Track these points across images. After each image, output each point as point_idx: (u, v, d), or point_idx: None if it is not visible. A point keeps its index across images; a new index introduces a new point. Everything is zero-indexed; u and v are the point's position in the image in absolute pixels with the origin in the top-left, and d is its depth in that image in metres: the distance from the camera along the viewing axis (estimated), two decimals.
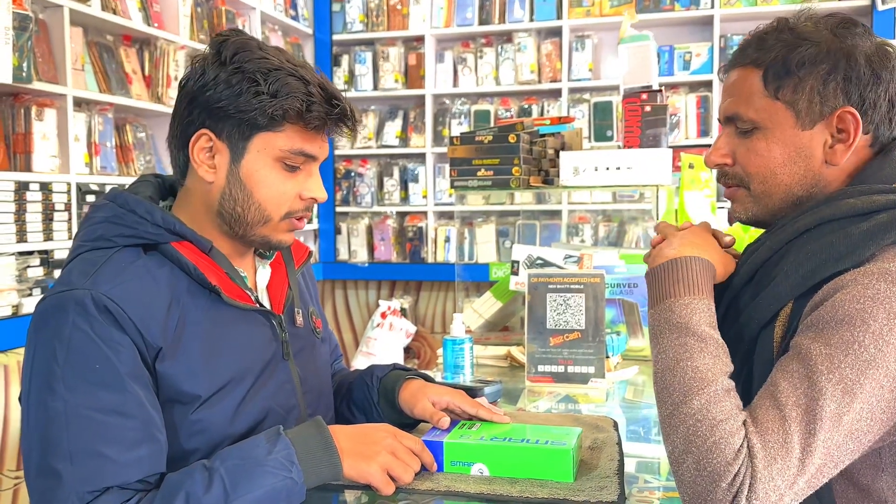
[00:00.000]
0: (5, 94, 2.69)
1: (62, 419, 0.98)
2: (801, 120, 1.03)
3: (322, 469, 1.04)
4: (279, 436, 1.04)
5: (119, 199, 1.12)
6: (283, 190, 1.14)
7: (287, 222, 1.17)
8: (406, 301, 4.60)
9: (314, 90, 1.11)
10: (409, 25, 4.57)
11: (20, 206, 2.61)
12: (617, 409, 1.65)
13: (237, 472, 0.99)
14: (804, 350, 0.90)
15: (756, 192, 1.08)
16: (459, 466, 1.13)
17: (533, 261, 2.19)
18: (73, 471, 0.97)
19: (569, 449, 1.09)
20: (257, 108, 1.09)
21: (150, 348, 1.05)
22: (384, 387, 1.32)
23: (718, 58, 4.17)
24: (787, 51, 1.02)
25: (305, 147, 1.13)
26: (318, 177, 1.19)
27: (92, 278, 1.04)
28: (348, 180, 4.74)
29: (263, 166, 1.13)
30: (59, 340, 1.01)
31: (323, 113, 1.11)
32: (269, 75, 1.09)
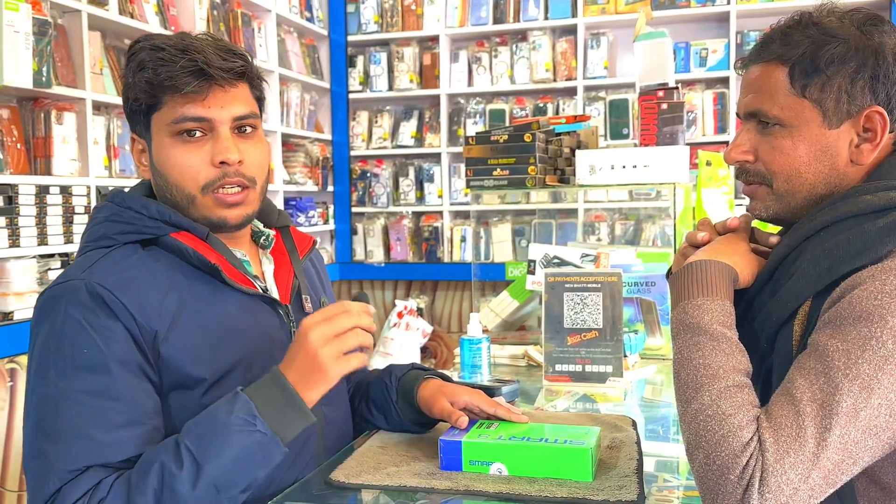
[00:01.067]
0: (25, 99, 2.72)
1: (52, 403, 1.02)
2: (828, 119, 1.01)
3: (288, 413, 1.01)
4: (237, 394, 1.01)
5: (117, 198, 1.16)
6: (189, 163, 1.12)
7: (212, 197, 1.14)
8: (422, 301, 4.61)
9: (167, 54, 1.09)
10: (423, 25, 4.57)
11: (41, 209, 2.64)
12: (635, 408, 1.65)
13: (202, 440, 0.98)
14: (821, 347, 0.90)
15: (779, 191, 1.06)
16: (478, 466, 1.13)
17: (550, 260, 2.18)
18: (56, 451, 1.00)
19: (588, 448, 1.09)
20: (131, 90, 1.13)
21: (146, 332, 1.06)
22: (402, 386, 1.32)
23: (735, 54, 4.14)
24: (814, 48, 1.00)
25: (186, 111, 1.11)
26: (226, 139, 1.13)
27: (88, 270, 1.08)
28: (364, 181, 4.75)
29: (164, 147, 1.14)
30: (52, 329, 1.05)
31: (174, 70, 1.09)
32: (131, 60, 1.13)
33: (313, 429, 1.21)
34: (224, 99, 1.13)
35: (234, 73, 1.13)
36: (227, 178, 1.13)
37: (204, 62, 1.09)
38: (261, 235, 1.28)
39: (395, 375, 1.35)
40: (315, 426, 1.21)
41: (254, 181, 1.17)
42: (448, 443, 1.14)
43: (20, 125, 2.70)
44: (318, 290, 1.36)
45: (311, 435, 1.20)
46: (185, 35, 1.14)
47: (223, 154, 1.12)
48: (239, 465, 0.98)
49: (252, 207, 1.19)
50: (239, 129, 1.16)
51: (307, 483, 1.14)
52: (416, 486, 1.09)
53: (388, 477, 1.12)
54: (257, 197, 1.19)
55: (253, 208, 1.19)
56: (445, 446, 1.14)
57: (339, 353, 1.01)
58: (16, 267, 2.55)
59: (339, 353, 1.01)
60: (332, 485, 1.11)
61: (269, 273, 1.26)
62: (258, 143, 1.18)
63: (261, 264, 1.26)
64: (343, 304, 1.04)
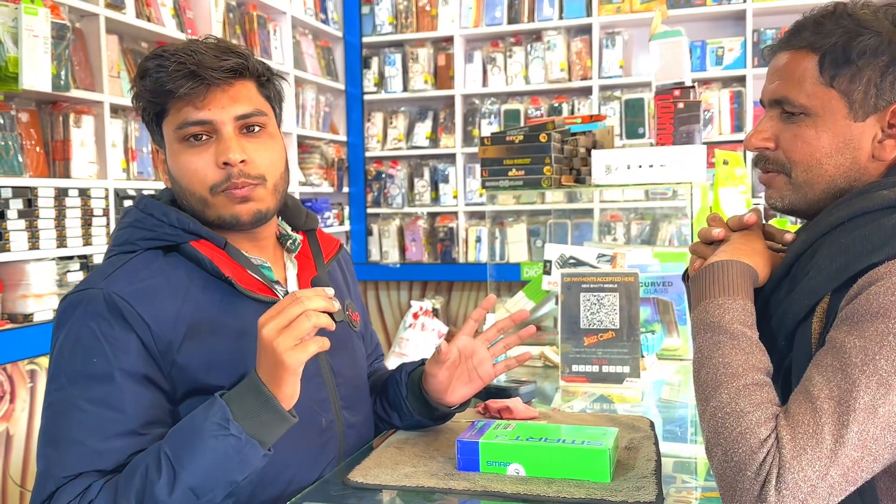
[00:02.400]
0: (44, 103, 2.75)
1: (58, 408, 1.05)
2: (854, 111, 1.00)
3: (265, 416, 1.00)
4: (214, 400, 1.01)
5: (140, 205, 1.17)
6: (196, 167, 1.13)
7: (222, 196, 1.13)
8: (438, 301, 4.61)
9: (163, 61, 1.10)
10: (437, 26, 4.58)
11: (60, 211, 2.67)
12: (653, 409, 1.64)
13: (179, 446, 0.99)
14: (838, 343, 0.90)
15: (797, 181, 1.05)
16: (495, 466, 1.12)
17: (565, 260, 2.18)
18: (56, 455, 1.03)
19: (606, 449, 1.09)
20: (139, 102, 1.15)
21: (161, 342, 1.07)
22: (412, 380, 1.33)
23: (751, 52, 4.12)
24: (847, 38, 0.99)
25: (188, 116, 1.11)
26: (228, 139, 1.12)
27: (108, 279, 1.09)
28: (379, 182, 4.76)
29: (174, 153, 1.15)
30: (68, 336, 1.07)
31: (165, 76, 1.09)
32: (139, 67, 1.14)
33: (334, 431, 1.21)
34: (223, 99, 1.12)
35: (229, 72, 1.12)
36: (233, 178, 1.12)
37: (194, 63, 1.09)
38: (287, 239, 1.28)
39: (406, 371, 1.36)
40: (337, 430, 1.22)
41: (262, 178, 1.15)
42: (465, 443, 1.14)
43: (39, 128, 2.72)
44: (344, 293, 1.35)
45: (331, 437, 1.20)
46: (193, 41, 1.15)
47: (224, 155, 1.11)
48: (215, 470, 0.99)
49: (265, 204, 1.16)
50: (246, 128, 1.15)
51: (325, 483, 1.14)
52: (433, 487, 1.09)
53: (405, 477, 1.12)
54: (269, 194, 1.17)
55: (266, 205, 1.17)
56: (463, 447, 1.14)
57: (293, 342, 0.99)
58: (35, 269, 2.58)
59: (294, 342, 0.99)
60: (350, 485, 1.12)
61: (293, 277, 1.26)
62: (267, 141, 1.17)
63: (284, 268, 1.26)
64: (293, 294, 1.03)
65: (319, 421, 1.18)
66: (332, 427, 1.21)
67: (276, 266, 1.25)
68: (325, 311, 1.02)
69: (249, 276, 1.16)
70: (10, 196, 2.49)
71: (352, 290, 1.40)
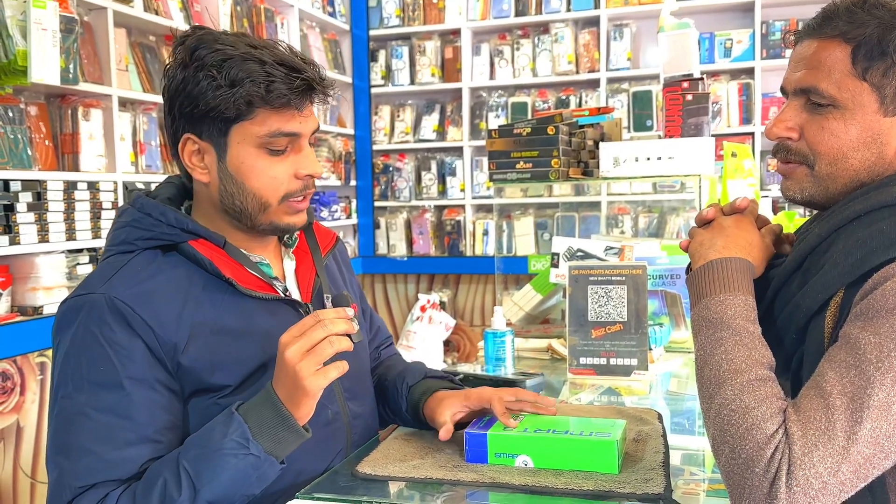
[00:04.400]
0: (53, 96, 2.76)
1: (67, 417, 1.04)
2: (885, 105, 0.98)
3: (282, 434, 1.03)
4: (232, 416, 1.03)
5: (137, 203, 1.16)
6: (274, 174, 1.14)
7: (287, 205, 1.16)
8: (445, 294, 4.61)
9: (271, 69, 1.08)
10: (445, 19, 4.57)
11: (69, 204, 2.68)
12: (661, 402, 1.64)
13: (198, 462, 1.00)
14: (853, 339, 0.89)
15: (820, 173, 1.02)
16: (504, 458, 1.13)
17: (573, 253, 2.18)
18: (69, 465, 1.02)
19: (614, 441, 1.09)
20: (221, 101, 1.08)
21: (166, 345, 1.07)
22: (412, 396, 1.33)
23: (760, 44, 4.09)
24: (882, 30, 0.96)
25: (283, 127, 1.12)
26: (309, 152, 1.17)
27: (108, 282, 1.08)
28: (386, 175, 4.76)
29: (248, 156, 1.13)
30: (72, 342, 1.07)
31: (286, 89, 1.09)
32: (224, 65, 1.08)
33: (340, 423, 1.22)
34: (308, 113, 1.16)
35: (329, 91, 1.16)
36: (307, 189, 1.17)
37: (315, 81, 1.12)
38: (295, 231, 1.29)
39: (407, 384, 1.35)
40: (343, 421, 1.23)
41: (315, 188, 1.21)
42: (473, 435, 1.14)
43: (48, 122, 2.73)
44: (340, 286, 1.36)
45: (337, 429, 1.21)
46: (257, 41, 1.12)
47: (311, 168, 1.16)
48: (234, 485, 1.01)
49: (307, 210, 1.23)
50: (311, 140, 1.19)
51: (334, 475, 1.15)
52: (441, 479, 1.09)
53: (413, 469, 1.13)
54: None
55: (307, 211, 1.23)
56: (471, 439, 1.14)
57: (315, 367, 1.01)
58: (45, 262, 2.59)
59: (316, 367, 1.01)
60: (359, 476, 1.12)
61: (291, 272, 1.27)
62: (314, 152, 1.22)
63: (282, 263, 1.27)
64: (317, 315, 1.04)
65: (326, 413, 1.19)
66: (339, 418, 1.22)
67: (274, 262, 1.25)
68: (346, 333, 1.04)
69: (249, 275, 1.16)
70: (19, 189, 2.50)
71: (348, 280, 1.40)
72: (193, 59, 1.10)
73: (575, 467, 1.10)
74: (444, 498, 1.05)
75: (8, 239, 2.46)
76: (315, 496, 1.07)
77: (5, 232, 2.45)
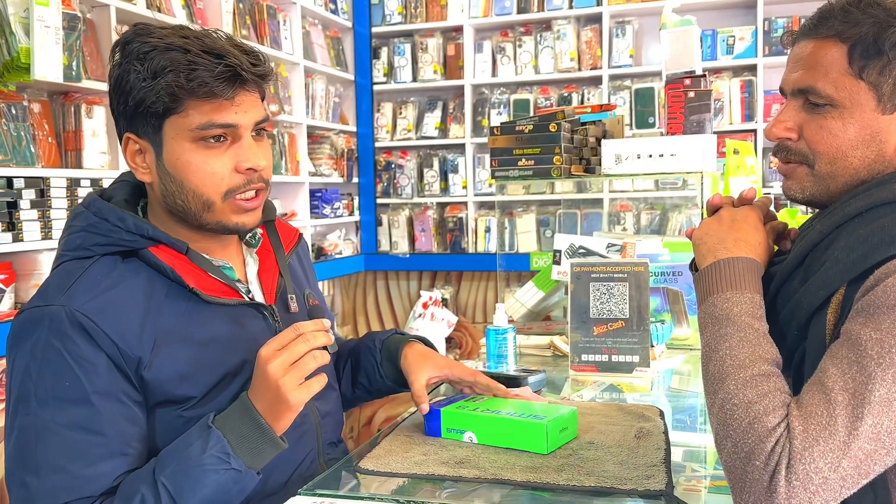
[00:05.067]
0: (56, 93, 2.76)
1: (32, 434, 1.01)
2: (883, 104, 0.99)
3: (261, 447, 1.02)
4: (210, 429, 1.01)
5: (93, 207, 1.12)
6: (213, 169, 1.09)
7: (232, 203, 1.11)
8: (447, 291, 4.62)
9: (195, 57, 1.04)
10: (447, 16, 4.57)
11: (72, 202, 2.68)
12: (662, 399, 1.64)
13: (178, 478, 0.99)
14: (854, 335, 0.89)
15: (820, 172, 1.03)
16: (454, 433, 1.23)
17: (575, 250, 2.18)
18: (38, 484, 1.00)
19: (543, 423, 1.16)
20: (146, 93, 1.05)
21: (129, 359, 1.05)
22: (387, 348, 1.34)
23: (762, 41, 4.09)
24: (878, 28, 0.97)
25: (214, 118, 1.07)
26: (251, 144, 1.10)
27: (67, 293, 1.05)
28: (388, 172, 4.76)
29: (184, 151, 1.08)
30: (33, 357, 1.03)
31: (207, 76, 1.04)
32: (147, 56, 1.05)
33: (309, 424, 1.22)
34: (247, 103, 1.10)
35: (263, 78, 1.11)
36: (252, 183, 1.12)
37: (241, 67, 1.06)
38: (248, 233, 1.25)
39: (380, 339, 1.38)
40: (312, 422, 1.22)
41: (268, 184, 1.16)
42: (432, 410, 1.25)
43: (51, 119, 2.74)
44: (303, 284, 1.33)
45: (306, 430, 1.21)
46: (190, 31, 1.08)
47: (252, 161, 1.10)
48: (214, 499, 1.00)
49: (261, 209, 1.17)
50: (256, 131, 1.13)
51: (336, 470, 1.15)
52: (444, 475, 1.10)
53: (416, 465, 1.13)
54: (265, 198, 1.18)
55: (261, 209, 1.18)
56: (430, 413, 1.25)
57: (298, 381, 1.01)
58: (48, 259, 2.59)
59: (299, 381, 1.01)
60: (361, 472, 1.13)
61: (254, 273, 1.24)
62: (268, 146, 1.16)
63: (244, 264, 1.24)
64: (297, 328, 1.03)
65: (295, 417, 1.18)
66: (307, 420, 1.21)
67: (235, 262, 1.22)
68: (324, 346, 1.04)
69: (213, 281, 1.13)
70: (22, 186, 2.51)
71: (310, 278, 1.39)
72: (125, 54, 1.08)
73: (511, 445, 1.19)
74: (446, 494, 1.06)
75: (11, 236, 2.46)
76: (317, 492, 1.07)
77: (8, 229, 2.46)
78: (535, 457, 1.15)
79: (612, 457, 1.15)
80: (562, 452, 1.17)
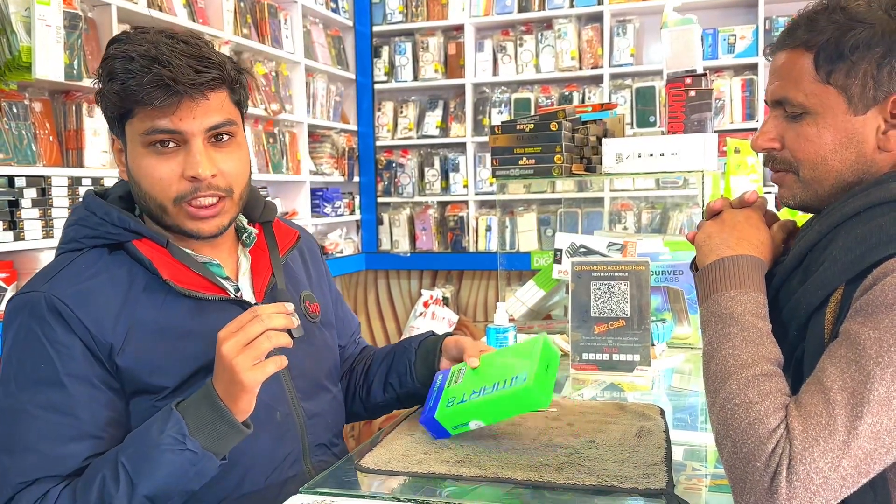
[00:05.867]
0: (57, 92, 2.76)
1: (9, 414, 1.05)
2: (854, 105, 1.00)
3: (221, 430, 1.03)
4: (171, 412, 1.03)
5: (85, 202, 1.16)
6: (161, 174, 1.10)
7: (182, 209, 1.12)
8: (448, 290, 4.62)
9: (134, 64, 1.05)
10: (448, 15, 4.57)
11: (73, 200, 2.68)
12: (663, 397, 1.65)
13: (136, 458, 1.01)
14: (853, 335, 0.89)
15: (806, 178, 1.06)
16: (461, 428, 1.21)
17: (576, 249, 2.18)
18: (11, 462, 1.03)
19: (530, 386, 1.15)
20: (103, 98, 1.11)
21: (102, 345, 1.08)
22: (424, 348, 1.36)
23: (763, 40, 4.09)
24: (839, 33, 0.99)
25: (157, 124, 1.08)
26: (198, 152, 1.10)
27: (50, 281, 1.09)
28: (389, 171, 4.77)
29: (137, 155, 1.12)
30: (15, 340, 1.08)
31: (137, 85, 1.05)
32: (104, 64, 1.10)
33: (292, 423, 1.21)
34: (196, 110, 1.09)
35: (205, 86, 1.09)
36: (200, 191, 1.11)
37: (171, 77, 1.05)
38: (243, 232, 1.27)
39: (417, 340, 1.39)
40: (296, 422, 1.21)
41: (230, 191, 1.15)
42: (427, 421, 1.23)
43: (52, 118, 2.74)
44: (302, 285, 1.33)
45: (287, 430, 1.20)
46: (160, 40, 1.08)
47: (194, 169, 1.09)
48: (172, 480, 1.02)
49: (229, 216, 1.17)
50: (215, 137, 1.13)
51: (337, 469, 1.16)
52: (444, 474, 1.10)
53: (417, 464, 1.13)
54: (235, 205, 1.17)
55: (230, 216, 1.17)
56: (428, 425, 1.23)
57: (252, 362, 1.02)
58: (49, 258, 2.58)
59: (253, 361, 1.02)
60: (362, 471, 1.13)
61: (246, 271, 1.25)
62: (235, 151, 1.15)
63: (237, 262, 1.25)
64: (254, 310, 1.04)
65: (274, 414, 1.18)
66: (289, 420, 1.21)
67: (228, 260, 1.23)
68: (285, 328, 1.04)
69: (192, 275, 1.14)
70: (24, 185, 2.51)
71: (314, 279, 1.38)
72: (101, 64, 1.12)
73: (515, 414, 1.20)
74: (447, 493, 1.06)
75: (13, 235, 2.47)
76: (318, 491, 1.08)
77: (10, 228, 2.46)
78: (536, 455, 1.15)
79: (613, 455, 1.15)
80: (562, 451, 1.17)
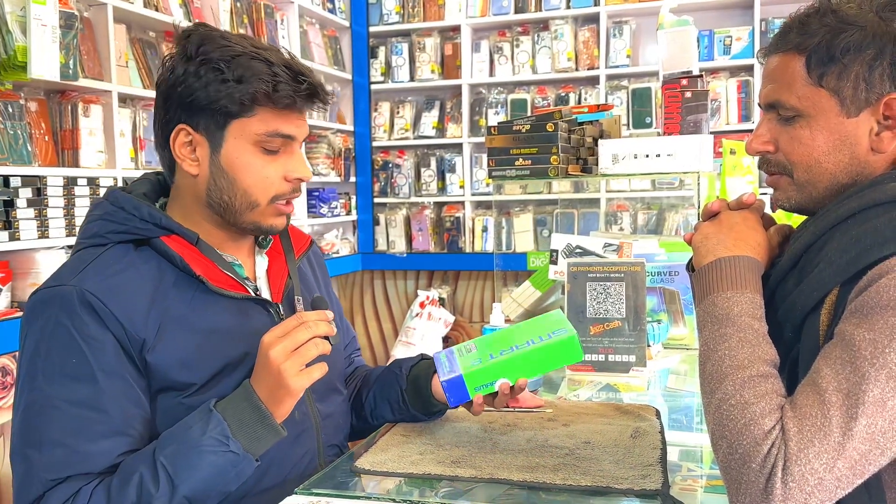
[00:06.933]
0: (53, 92, 2.76)
1: (38, 409, 1.04)
2: (846, 107, 1.01)
3: (260, 432, 1.05)
4: (211, 413, 1.04)
5: (111, 197, 1.16)
6: (266, 174, 1.15)
7: (274, 206, 1.18)
8: (444, 291, 4.62)
9: (279, 70, 1.11)
10: (444, 15, 4.57)
11: (69, 200, 2.68)
12: (659, 398, 1.65)
13: (176, 458, 1.01)
14: (848, 336, 0.89)
15: (800, 181, 1.06)
16: (484, 388, 1.18)
17: (572, 250, 2.18)
18: (40, 458, 1.02)
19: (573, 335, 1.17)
20: (225, 95, 1.10)
21: (134, 340, 1.08)
22: (413, 375, 1.33)
23: (759, 41, 4.09)
24: (831, 36, 1.00)
25: (281, 128, 1.14)
26: (301, 156, 1.19)
27: (80, 275, 1.09)
28: (386, 171, 4.76)
29: (243, 153, 1.14)
30: (42, 334, 1.06)
31: (291, 91, 1.12)
32: (233, 62, 1.11)
33: (309, 424, 1.22)
34: (303, 119, 1.19)
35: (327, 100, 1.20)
36: (295, 192, 1.19)
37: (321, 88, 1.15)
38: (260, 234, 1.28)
39: (408, 365, 1.36)
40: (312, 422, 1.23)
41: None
42: (452, 381, 1.17)
43: (48, 118, 2.73)
44: (313, 288, 1.36)
45: (304, 430, 1.21)
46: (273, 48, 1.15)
47: (301, 172, 1.17)
48: (212, 482, 1.02)
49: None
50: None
51: (333, 470, 1.16)
52: (440, 474, 1.10)
53: (412, 465, 1.14)
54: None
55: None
56: (450, 385, 1.17)
57: (299, 367, 1.04)
58: (45, 258, 2.59)
59: (300, 367, 1.05)
60: (357, 472, 1.13)
61: (262, 273, 1.27)
62: None
63: (254, 263, 1.27)
64: (300, 316, 1.07)
65: (293, 415, 1.17)
66: (307, 420, 1.22)
67: (246, 261, 1.25)
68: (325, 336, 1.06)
69: (221, 273, 1.16)
70: (19, 185, 2.50)
71: (322, 285, 1.41)
72: (199, 54, 1.12)
73: (545, 370, 1.20)
74: (442, 494, 1.06)
75: (8, 234, 2.46)
76: (314, 492, 1.08)
77: (5, 227, 2.46)
78: (532, 456, 1.15)
79: (609, 456, 1.15)
80: (558, 452, 1.17)
